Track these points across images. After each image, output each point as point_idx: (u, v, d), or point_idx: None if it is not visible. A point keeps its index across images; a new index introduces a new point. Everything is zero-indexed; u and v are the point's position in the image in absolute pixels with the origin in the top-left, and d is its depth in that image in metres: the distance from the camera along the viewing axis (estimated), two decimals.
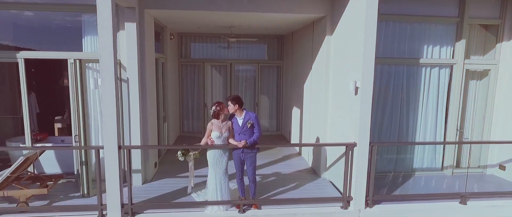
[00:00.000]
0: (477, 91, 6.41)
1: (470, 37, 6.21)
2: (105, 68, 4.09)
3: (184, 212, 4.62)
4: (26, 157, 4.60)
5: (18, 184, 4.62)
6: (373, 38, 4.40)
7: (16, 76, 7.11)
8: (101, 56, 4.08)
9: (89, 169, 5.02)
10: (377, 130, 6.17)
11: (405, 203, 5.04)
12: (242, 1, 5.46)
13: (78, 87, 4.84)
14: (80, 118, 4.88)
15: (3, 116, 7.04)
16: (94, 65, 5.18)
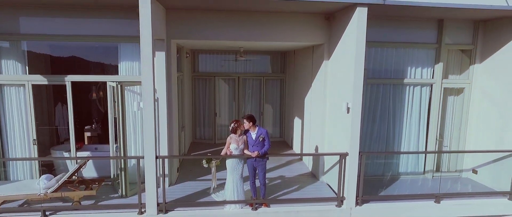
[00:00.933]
0: (454, 106, 7.46)
1: (448, 59, 7.26)
2: (146, 94, 5.13)
3: (207, 209, 5.67)
4: (79, 165, 5.65)
5: (72, 186, 5.66)
6: (361, 68, 5.45)
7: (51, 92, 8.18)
8: (144, 85, 5.12)
9: (127, 174, 6.06)
10: (368, 139, 7.22)
11: (389, 202, 6.10)
12: (250, 32, 6.49)
13: (119, 105, 5.87)
14: (121, 132, 5.91)
15: (43, 127, 8.08)
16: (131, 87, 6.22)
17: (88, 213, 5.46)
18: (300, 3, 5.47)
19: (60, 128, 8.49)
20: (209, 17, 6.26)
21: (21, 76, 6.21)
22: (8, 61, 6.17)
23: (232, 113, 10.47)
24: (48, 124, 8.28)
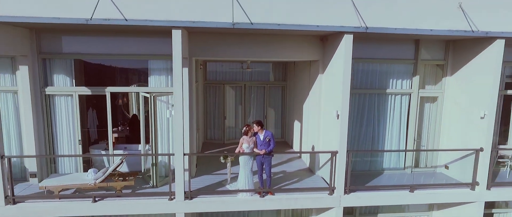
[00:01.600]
0: (430, 112, 8.83)
1: (424, 72, 8.63)
2: (177, 104, 6.50)
3: (224, 196, 7.04)
4: (121, 160, 7.01)
5: (113, 178, 7.02)
6: (348, 83, 6.82)
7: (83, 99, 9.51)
8: (175, 97, 6.49)
9: (157, 168, 7.42)
10: (356, 140, 8.58)
11: (372, 192, 7.47)
12: (257, 51, 7.83)
13: (152, 113, 7.23)
14: (154, 133, 7.27)
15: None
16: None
17: (128, 200, 6.83)
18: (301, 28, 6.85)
19: (91, 130, 9.85)
20: (223, 39, 7.61)
21: (70, 87, 7.57)
22: (58, 75, 7.53)
23: (239, 116, 11.84)
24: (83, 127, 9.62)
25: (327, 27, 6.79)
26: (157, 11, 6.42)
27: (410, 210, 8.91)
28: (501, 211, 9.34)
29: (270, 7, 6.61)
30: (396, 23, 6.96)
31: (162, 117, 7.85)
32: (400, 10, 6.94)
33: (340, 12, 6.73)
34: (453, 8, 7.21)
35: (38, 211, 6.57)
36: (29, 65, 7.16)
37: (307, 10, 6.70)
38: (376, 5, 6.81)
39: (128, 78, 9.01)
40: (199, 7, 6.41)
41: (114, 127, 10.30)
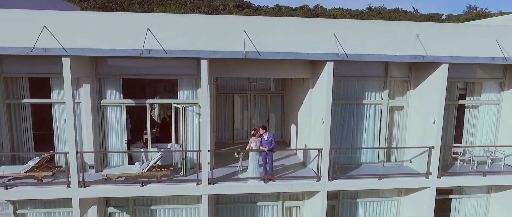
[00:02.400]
0: (398, 117, 11.25)
1: (394, 87, 11.03)
2: (204, 114, 8.91)
3: (238, 182, 9.46)
4: (160, 155, 9.42)
5: (154, 168, 9.43)
6: (330, 97, 9.22)
7: None
8: (202, 107, 8.89)
9: (186, 161, 9.83)
10: (339, 139, 10.97)
11: (349, 179, 9.89)
12: (261, 71, 10.22)
13: (182, 120, 9.64)
14: (185, 135, 9.68)
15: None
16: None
17: (167, 185, 9.25)
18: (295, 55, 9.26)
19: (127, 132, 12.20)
20: (234, 63, 9.97)
21: (119, 100, 9.97)
22: (110, 91, 9.93)
23: (245, 120, 14.25)
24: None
25: (315, 55, 9.24)
26: (187, 44, 8.86)
27: (384, 196, 11.34)
28: (456, 197, 11.78)
29: (272, 39, 9.06)
30: (369, 50, 9.39)
31: (188, 122, 10.24)
32: (372, 41, 9.38)
33: (326, 42, 9.17)
34: (412, 38, 9.67)
35: (102, 192, 8.99)
36: (90, 83, 9.56)
37: (300, 40, 9.15)
38: (353, 36, 9.25)
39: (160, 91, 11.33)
40: (218, 41, 8.84)
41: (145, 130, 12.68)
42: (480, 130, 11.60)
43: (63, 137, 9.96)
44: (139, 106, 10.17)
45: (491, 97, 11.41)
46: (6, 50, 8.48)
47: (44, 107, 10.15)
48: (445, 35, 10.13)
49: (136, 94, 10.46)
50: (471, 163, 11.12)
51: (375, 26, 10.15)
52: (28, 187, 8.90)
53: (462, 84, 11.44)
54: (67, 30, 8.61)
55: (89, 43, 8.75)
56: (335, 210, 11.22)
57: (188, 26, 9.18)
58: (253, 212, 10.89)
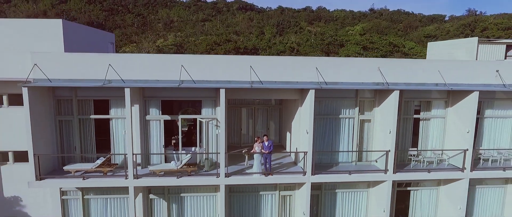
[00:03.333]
0: (367, 128, 14.96)
1: (364, 105, 14.75)
2: (222, 126, 12.69)
3: (245, 176, 13.25)
4: (190, 156, 13.20)
5: (185, 165, 13.21)
6: (312, 114, 12.96)
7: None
8: (220, 120, 12.68)
9: (208, 160, 13.62)
10: (322, 144, 14.70)
11: (327, 174, 13.64)
12: (263, 94, 14.00)
13: (205, 130, 13.42)
14: (207, 141, 13.46)
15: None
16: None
17: (195, 177, 13.04)
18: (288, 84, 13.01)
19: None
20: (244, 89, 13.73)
21: (158, 116, 13.77)
22: (152, 109, 13.73)
23: (250, 128, 17.98)
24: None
25: (302, 84, 13.02)
26: (209, 75, 12.67)
27: (357, 187, 15.06)
28: (417, 189, 15.49)
29: (271, 72, 12.84)
30: (343, 79, 13.15)
31: (209, 131, 14.01)
32: (345, 72, 13.16)
33: (311, 73, 12.94)
34: (375, 69, 13.42)
35: (149, 182, 12.81)
36: (139, 104, 13.35)
37: (291, 72, 12.94)
38: (331, 68, 13.01)
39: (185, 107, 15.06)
40: (232, 73, 12.62)
41: (172, 136, 16.46)
42: (431, 137, 15.30)
43: (117, 143, 13.78)
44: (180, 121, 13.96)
45: (438, 113, 15.11)
46: (85, 82, 12.31)
47: (102, 120, 13.94)
48: (401, 67, 13.91)
49: (169, 111, 14.24)
50: (421, 162, 14.83)
51: (348, 61, 13.94)
52: (97, 178, 12.72)
53: (417, 102, 15.14)
54: (125, 67, 12.43)
55: (141, 76, 12.58)
56: (319, 198, 14.98)
57: (210, 63, 13.02)
58: (256, 199, 14.67)
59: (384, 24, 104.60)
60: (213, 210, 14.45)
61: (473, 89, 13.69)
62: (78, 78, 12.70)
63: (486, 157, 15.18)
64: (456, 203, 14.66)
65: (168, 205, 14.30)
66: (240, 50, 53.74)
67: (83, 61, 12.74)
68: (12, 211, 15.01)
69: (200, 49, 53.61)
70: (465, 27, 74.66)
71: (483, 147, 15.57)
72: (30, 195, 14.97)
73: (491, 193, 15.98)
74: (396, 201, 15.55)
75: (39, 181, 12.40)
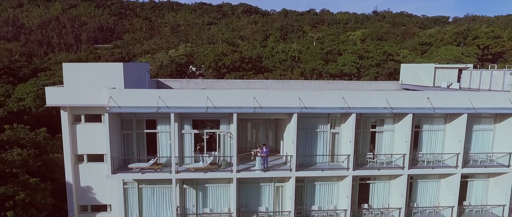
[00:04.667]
0: (337, 139, 21.43)
1: (334, 121, 21.21)
2: (234, 137, 19.28)
3: (250, 171, 19.85)
4: (213, 158, 19.77)
5: (210, 164, 19.80)
6: (295, 129, 19.48)
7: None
8: (233, 135, 19.26)
9: (225, 161, 20.20)
10: (304, 149, 21.20)
11: (307, 171, 20.18)
12: (263, 115, 20.52)
13: (222, 139, 19.99)
14: (223, 147, 20.06)
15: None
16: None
17: (216, 172, 19.66)
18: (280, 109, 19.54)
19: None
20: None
21: (190, 130, 20.37)
22: (186, 125, 20.33)
23: (254, 137, 24.50)
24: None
25: (289, 109, 19.56)
26: (226, 103, 19.24)
27: (330, 181, 21.55)
28: (373, 182, 21.97)
29: (269, 100, 19.39)
30: (318, 105, 19.65)
31: (225, 141, 20.55)
32: (320, 100, 19.65)
33: (295, 101, 19.44)
34: (341, 98, 19.94)
35: (185, 176, 19.46)
36: (177, 122, 19.94)
37: (283, 100, 19.48)
38: (310, 98, 19.51)
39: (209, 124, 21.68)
40: (241, 101, 19.19)
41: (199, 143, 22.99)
42: (383, 145, 21.73)
43: (162, 149, 20.40)
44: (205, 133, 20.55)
45: (388, 127, 21.54)
46: (143, 109, 18.95)
47: (151, 133, 20.49)
48: (360, 96, 20.35)
49: (197, 126, 20.82)
50: (375, 163, 21.29)
51: (321, 93, 20.50)
52: (150, 173, 19.35)
53: (373, 120, 21.58)
54: (168, 98, 19.04)
55: (179, 104, 19.22)
56: (302, 189, 21.48)
57: (226, 94, 19.59)
58: (258, 189, 21.22)
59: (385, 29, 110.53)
60: (227, 196, 21.02)
61: (408, 111, 20.11)
62: (137, 105, 19.28)
63: (423, 159, 21.60)
64: (401, 192, 21.09)
65: (196, 192, 20.92)
66: (245, 60, 60.23)
67: (140, 94, 19.36)
68: (86, 197, 21.65)
69: (209, 59, 60.19)
70: (458, 35, 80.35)
71: (422, 152, 21.98)
72: (98, 186, 21.56)
73: (429, 185, 22.41)
74: (359, 192, 22.05)
75: (113, 175, 19.08)
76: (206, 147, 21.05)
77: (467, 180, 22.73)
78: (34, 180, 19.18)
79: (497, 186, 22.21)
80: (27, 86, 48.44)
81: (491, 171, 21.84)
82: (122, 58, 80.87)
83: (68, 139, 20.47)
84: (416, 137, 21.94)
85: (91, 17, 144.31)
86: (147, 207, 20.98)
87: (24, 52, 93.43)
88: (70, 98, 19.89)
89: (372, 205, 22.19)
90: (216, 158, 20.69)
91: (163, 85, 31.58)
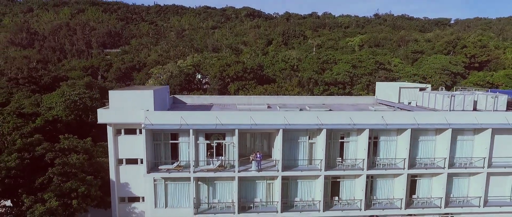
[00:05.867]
0: (313, 147, 29.01)
1: (311, 134, 28.79)
2: (235, 145, 26.96)
3: (248, 171, 27.52)
4: (221, 161, 27.44)
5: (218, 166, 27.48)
6: (281, 140, 27.11)
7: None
8: (235, 144, 26.95)
9: (229, 164, 27.89)
10: (289, 155, 28.80)
11: (291, 171, 27.83)
12: (257, 129, 28.16)
13: (227, 148, 27.65)
14: (228, 153, 27.74)
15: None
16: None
17: (223, 172, 27.35)
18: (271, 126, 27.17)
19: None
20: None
21: (204, 140, 28.04)
22: (200, 137, 28.02)
23: (252, 145, 32.11)
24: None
25: (277, 125, 27.21)
26: (231, 121, 26.93)
27: (309, 179, 29.15)
28: (342, 180, 29.57)
29: (262, 118, 27.04)
30: (298, 122, 27.25)
31: (229, 148, 28.19)
32: (300, 117, 27.24)
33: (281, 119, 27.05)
34: (315, 117, 27.58)
35: (200, 175, 27.19)
36: (194, 135, 27.62)
37: (273, 118, 27.10)
38: (293, 116, 27.13)
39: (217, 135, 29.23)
40: (241, 119, 26.87)
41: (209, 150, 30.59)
42: (350, 152, 29.27)
43: (182, 155, 28.11)
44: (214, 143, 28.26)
45: (353, 138, 29.08)
46: (169, 125, 26.68)
47: (174, 143, 28.17)
48: (331, 115, 27.90)
49: (208, 138, 28.47)
50: (343, 165, 28.83)
51: (301, 113, 28.04)
52: (175, 173, 27.08)
53: (342, 133, 29.13)
54: (188, 117, 26.74)
55: (196, 121, 26.94)
56: (287, 185, 29.10)
57: (231, 115, 27.26)
58: (254, 185, 28.89)
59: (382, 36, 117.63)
60: (231, 190, 28.64)
61: (366, 127, 27.62)
62: (165, 123, 26.92)
63: (380, 162, 29.10)
64: (362, 188, 28.63)
65: (207, 187, 28.60)
66: (247, 70, 67.76)
67: (167, 114, 27.04)
68: (125, 191, 29.36)
69: (214, 70, 67.86)
70: (448, 44, 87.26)
71: (379, 157, 29.46)
72: (133, 182, 29.24)
73: (385, 183, 29.92)
74: (331, 187, 29.62)
75: (148, 174, 26.83)
76: (215, 153, 28.75)
77: (415, 178, 30.23)
78: (90, 178, 26.95)
79: (437, 183, 29.68)
80: (54, 96, 56.57)
81: (432, 172, 29.31)
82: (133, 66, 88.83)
83: (112, 147, 28.26)
84: (375, 146, 29.47)
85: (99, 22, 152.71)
86: (171, 198, 28.71)
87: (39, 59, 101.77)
88: (115, 117, 27.68)
89: (341, 197, 29.76)
90: (222, 162, 28.34)
91: (178, 100, 39.29)
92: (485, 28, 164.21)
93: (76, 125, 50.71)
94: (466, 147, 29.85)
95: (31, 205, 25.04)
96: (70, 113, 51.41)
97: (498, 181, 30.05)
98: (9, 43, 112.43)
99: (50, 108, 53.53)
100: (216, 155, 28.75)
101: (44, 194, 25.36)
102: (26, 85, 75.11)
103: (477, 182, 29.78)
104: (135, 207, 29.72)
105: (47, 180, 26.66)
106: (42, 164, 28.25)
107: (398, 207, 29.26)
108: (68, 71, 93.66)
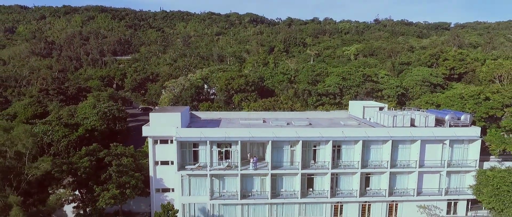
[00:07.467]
0: (294, 153, 42.38)
1: (293, 143, 42.16)
2: (239, 151, 40.46)
3: (248, 170, 41.01)
4: (228, 162, 40.91)
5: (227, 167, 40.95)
6: (270, 147, 40.52)
7: None
8: (239, 150, 40.45)
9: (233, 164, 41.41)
10: (277, 159, 42.17)
11: (278, 170, 41.28)
12: (256, 140, 41.56)
13: (233, 152, 41.13)
14: (233, 156, 41.24)
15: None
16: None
17: (230, 170, 40.85)
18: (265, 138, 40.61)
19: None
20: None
21: (216, 148, 41.56)
22: (214, 145, 41.50)
23: (252, 151, 45.46)
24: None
25: (269, 137, 40.70)
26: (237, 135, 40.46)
27: (291, 175, 42.53)
28: (314, 177, 43.01)
29: (259, 132, 40.54)
30: (284, 135, 40.70)
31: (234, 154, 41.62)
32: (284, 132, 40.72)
33: (270, 134, 40.49)
34: (295, 133, 41.12)
35: (214, 172, 40.78)
36: (210, 144, 41.11)
37: (265, 132, 40.58)
38: (279, 131, 40.58)
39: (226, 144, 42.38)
40: (243, 133, 40.38)
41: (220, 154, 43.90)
42: (321, 156, 42.61)
43: (201, 157, 41.63)
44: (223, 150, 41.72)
45: (322, 147, 42.43)
46: (192, 138, 40.27)
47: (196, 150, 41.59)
48: (306, 130, 41.35)
49: (219, 145, 41.90)
50: (315, 166, 42.18)
51: (286, 129, 41.57)
52: (196, 171, 40.62)
53: (315, 142, 42.48)
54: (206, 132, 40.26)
55: (211, 134, 40.54)
56: (275, 180, 42.53)
57: (235, 131, 40.79)
58: (252, 179, 42.38)
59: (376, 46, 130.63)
60: (235, 183, 42.02)
61: (329, 139, 40.93)
62: (189, 136, 40.34)
63: (342, 164, 42.37)
64: (329, 182, 42.00)
65: (219, 181, 42.10)
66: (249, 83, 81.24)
67: (191, 130, 40.55)
68: (159, 184, 42.85)
69: (220, 83, 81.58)
70: (432, 56, 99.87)
71: (342, 160, 42.74)
72: (166, 177, 42.65)
73: (346, 179, 43.22)
74: (307, 182, 42.96)
75: (178, 171, 40.44)
76: (224, 157, 42.25)
77: (369, 176, 43.51)
78: (138, 174, 40.55)
79: (384, 179, 42.96)
80: (86, 107, 70.41)
81: (379, 171, 42.58)
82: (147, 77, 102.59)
83: (151, 153, 41.90)
84: (338, 152, 42.76)
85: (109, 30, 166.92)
86: (193, 189, 42.20)
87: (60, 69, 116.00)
88: (153, 131, 41.31)
89: (314, 189, 43.14)
90: (229, 163, 41.78)
91: (195, 116, 52.80)
92: (482, 33, 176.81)
93: (109, 134, 64.45)
94: (404, 153, 43.10)
95: (100, 193, 38.64)
96: (103, 123, 65.16)
97: (428, 177, 43.28)
98: (30, 53, 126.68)
99: (84, 118, 67.27)
100: (224, 158, 42.21)
101: (108, 185, 38.97)
102: (55, 95, 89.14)
103: (412, 178, 43.06)
104: (167, 196, 43.29)
105: (108, 176, 40.25)
106: (102, 164, 41.85)
107: (355, 196, 42.58)
108: (86, 81, 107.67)
